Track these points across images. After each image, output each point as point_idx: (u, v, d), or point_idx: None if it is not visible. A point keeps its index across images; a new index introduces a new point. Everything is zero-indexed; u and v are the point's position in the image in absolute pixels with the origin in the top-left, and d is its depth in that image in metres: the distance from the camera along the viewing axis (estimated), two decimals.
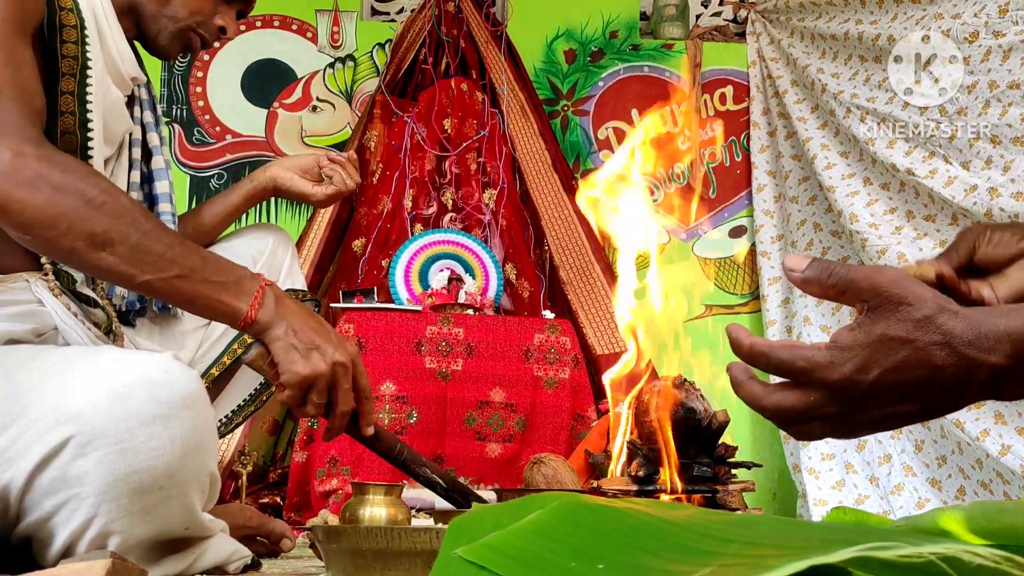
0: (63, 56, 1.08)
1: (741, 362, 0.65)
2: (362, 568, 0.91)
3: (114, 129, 1.19)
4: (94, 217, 0.92)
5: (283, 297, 1.02)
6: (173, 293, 0.97)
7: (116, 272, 0.95)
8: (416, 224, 3.04)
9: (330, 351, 1.01)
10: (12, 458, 0.86)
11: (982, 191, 2.47)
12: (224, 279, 0.98)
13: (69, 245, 0.92)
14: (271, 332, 1.00)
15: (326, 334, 1.02)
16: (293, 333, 1.00)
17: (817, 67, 3.05)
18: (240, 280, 0.99)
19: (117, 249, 0.93)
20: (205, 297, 0.98)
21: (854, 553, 0.36)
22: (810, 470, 2.87)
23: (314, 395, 1.01)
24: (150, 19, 1.23)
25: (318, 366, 1.00)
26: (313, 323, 1.02)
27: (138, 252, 0.94)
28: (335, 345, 1.01)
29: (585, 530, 0.47)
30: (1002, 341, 0.59)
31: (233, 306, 0.99)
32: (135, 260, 0.94)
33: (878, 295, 0.60)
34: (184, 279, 0.96)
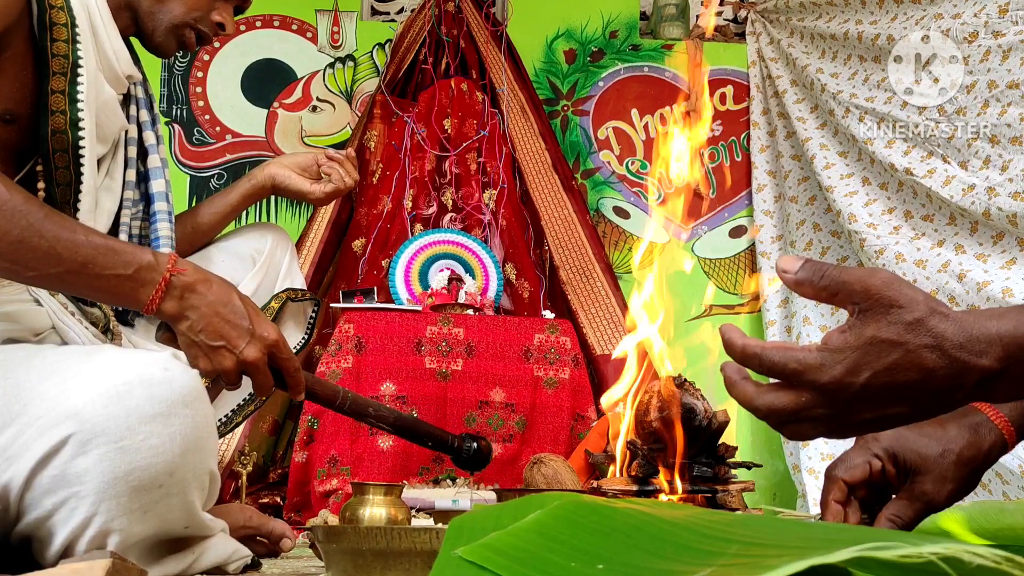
0: (53, 55, 1.07)
1: (735, 362, 0.65)
2: (362, 568, 0.91)
3: (108, 128, 1.19)
4: None
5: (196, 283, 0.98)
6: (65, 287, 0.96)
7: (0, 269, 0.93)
8: (416, 224, 3.04)
9: (240, 346, 0.98)
10: (12, 457, 0.86)
11: (980, 191, 2.47)
12: (121, 271, 0.95)
13: None
14: (177, 325, 0.98)
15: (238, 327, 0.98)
16: (198, 330, 0.97)
17: (816, 67, 3.05)
18: (141, 270, 0.96)
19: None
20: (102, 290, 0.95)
21: (854, 553, 0.36)
22: (810, 470, 2.87)
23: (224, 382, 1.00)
24: (146, 16, 1.22)
25: (222, 364, 0.98)
26: (227, 313, 0.98)
27: (19, 249, 0.91)
28: (247, 339, 0.98)
29: (585, 530, 0.47)
30: (993, 344, 0.59)
31: (134, 298, 0.96)
32: (16, 258, 0.91)
33: (870, 297, 0.60)
34: (74, 274, 0.93)
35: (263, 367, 1.01)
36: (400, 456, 2.46)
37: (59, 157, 1.10)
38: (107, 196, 1.22)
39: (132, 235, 1.28)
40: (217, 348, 0.98)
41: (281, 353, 1.03)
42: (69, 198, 1.13)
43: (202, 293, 0.98)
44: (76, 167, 1.12)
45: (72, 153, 1.09)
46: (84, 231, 0.96)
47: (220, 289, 1.00)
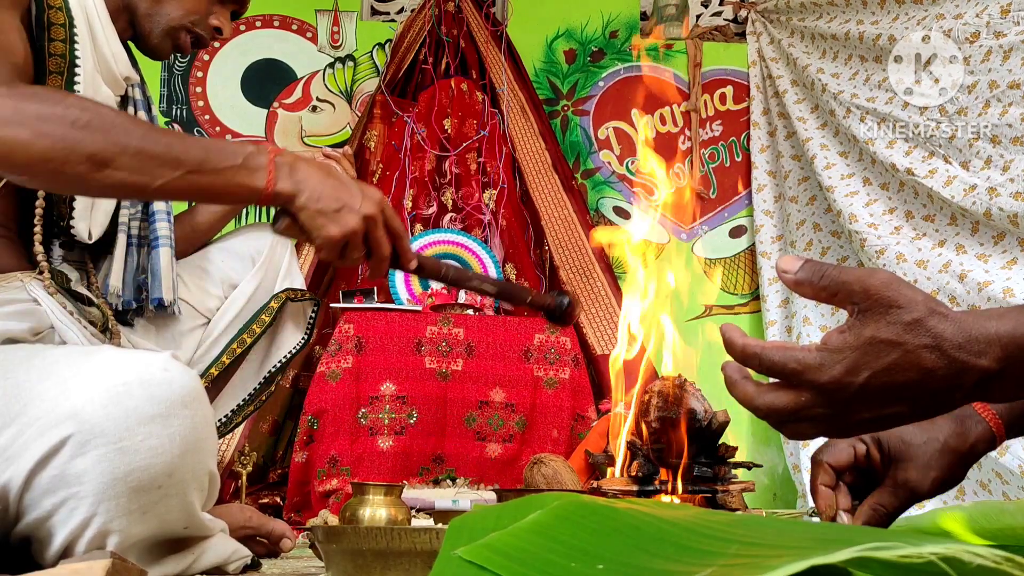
0: (51, 55, 1.08)
1: (736, 362, 0.66)
2: (362, 568, 0.91)
3: None
4: (86, 138, 0.90)
5: (297, 161, 0.99)
6: (189, 190, 0.96)
7: (129, 186, 0.93)
8: (416, 224, 3.04)
9: (358, 203, 0.99)
10: (11, 457, 0.86)
11: (981, 191, 2.47)
12: (232, 162, 0.95)
13: (73, 172, 0.90)
14: (295, 202, 0.97)
15: (349, 190, 1.00)
16: (317, 198, 0.97)
17: (817, 67, 3.05)
18: (248, 158, 0.96)
19: (120, 162, 0.91)
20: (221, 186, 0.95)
21: (854, 553, 0.36)
22: (810, 470, 2.87)
23: (352, 251, 1.00)
24: (143, 18, 1.23)
25: (348, 224, 0.98)
26: (334, 181, 1.00)
27: (142, 160, 0.92)
28: (361, 198, 1.00)
29: (585, 530, 0.47)
30: (992, 344, 0.59)
31: (249, 186, 0.96)
32: (142, 169, 0.92)
33: (869, 297, 0.60)
34: (196, 173, 0.94)
35: (381, 222, 1.01)
36: (400, 456, 2.46)
37: None
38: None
39: (131, 235, 1.28)
40: (339, 210, 0.98)
41: (388, 210, 1.03)
42: (65, 197, 1.13)
43: (306, 166, 1.00)
44: None
45: None
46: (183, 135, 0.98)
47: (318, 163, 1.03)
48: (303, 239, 1.01)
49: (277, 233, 1.01)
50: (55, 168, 0.89)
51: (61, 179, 0.91)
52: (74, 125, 0.90)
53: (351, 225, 0.98)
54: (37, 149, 0.88)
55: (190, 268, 1.40)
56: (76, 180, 0.91)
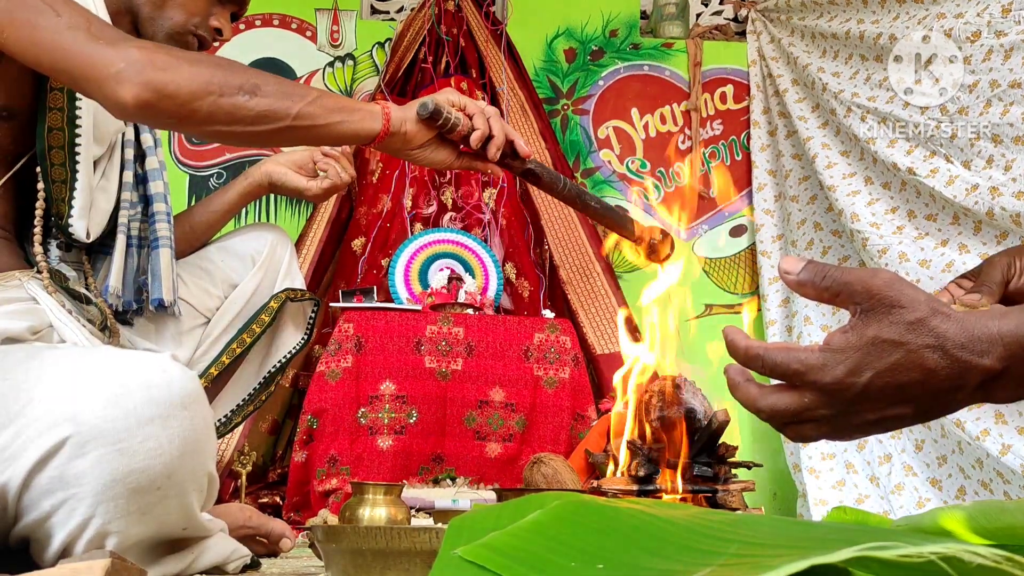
0: None
1: (738, 364, 0.65)
2: (361, 568, 0.91)
3: (105, 129, 1.19)
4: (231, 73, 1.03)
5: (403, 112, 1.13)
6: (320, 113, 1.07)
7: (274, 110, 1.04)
8: (416, 223, 3.04)
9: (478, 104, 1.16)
10: (10, 458, 0.85)
11: (983, 190, 2.47)
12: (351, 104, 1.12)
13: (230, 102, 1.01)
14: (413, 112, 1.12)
15: None
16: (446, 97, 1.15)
17: (818, 66, 3.05)
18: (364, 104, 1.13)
19: (266, 90, 1.04)
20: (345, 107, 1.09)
21: (854, 553, 0.36)
22: (810, 470, 2.87)
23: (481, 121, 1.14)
24: (146, 21, 1.23)
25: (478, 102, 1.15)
26: None
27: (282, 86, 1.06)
28: None
29: (585, 530, 0.47)
30: (995, 344, 0.59)
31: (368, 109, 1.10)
32: (284, 94, 1.05)
33: (871, 297, 0.60)
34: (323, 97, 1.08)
35: None
36: (400, 456, 2.46)
37: (55, 154, 1.10)
38: (102, 196, 1.22)
39: (131, 236, 1.28)
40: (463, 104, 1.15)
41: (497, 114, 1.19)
42: (64, 195, 1.13)
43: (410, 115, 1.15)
44: (72, 165, 1.12)
45: (68, 151, 1.10)
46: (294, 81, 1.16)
47: None
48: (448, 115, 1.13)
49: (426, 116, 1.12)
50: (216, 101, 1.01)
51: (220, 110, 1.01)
52: (219, 66, 1.04)
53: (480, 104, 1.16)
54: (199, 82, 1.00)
55: (190, 268, 1.40)
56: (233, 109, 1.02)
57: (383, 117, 1.09)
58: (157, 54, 1.00)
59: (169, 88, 0.97)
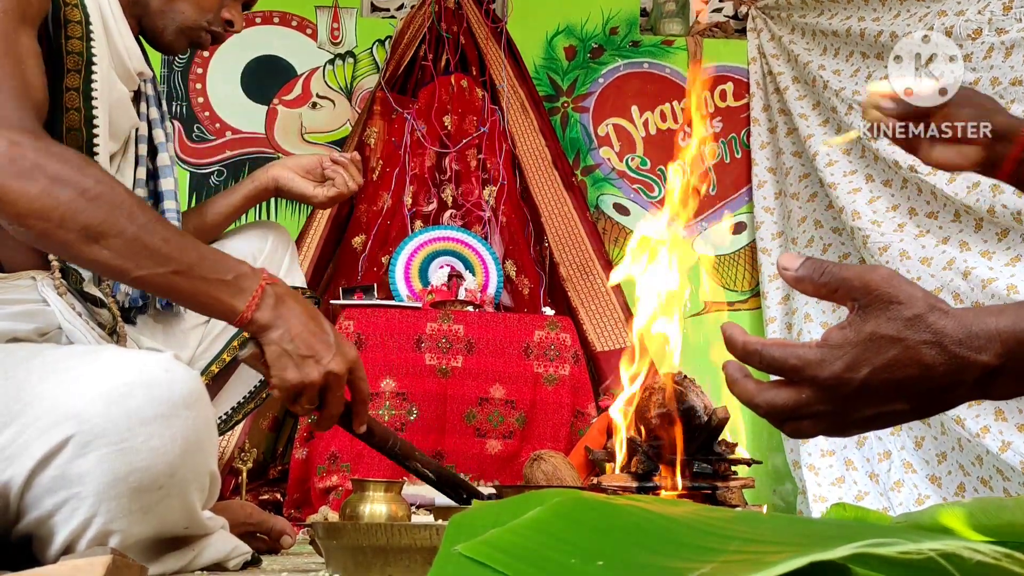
0: (68, 52, 1.07)
1: (737, 360, 0.66)
2: (362, 565, 0.91)
3: (120, 125, 1.19)
4: (89, 209, 0.90)
5: (286, 296, 0.99)
6: (169, 289, 0.95)
7: (110, 266, 0.93)
8: (416, 221, 3.04)
9: (327, 359, 0.99)
10: (12, 456, 0.86)
11: (984, 188, 2.47)
12: (222, 276, 0.96)
13: (63, 238, 0.90)
14: (267, 334, 0.98)
15: (325, 340, 0.99)
16: (289, 339, 0.97)
17: (818, 64, 3.05)
18: (240, 278, 0.96)
19: (111, 243, 0.91)
20: (202, 294, 0.95)
21: (854, 549, 0.36)
22: (810, 466, 2.87)
23: (304, 400, 1.00)
24: (156, 15, 1.22)
25: (309, 375, 0.98)
26: (313, 327, 0.99)
27: (133, 246, 0.92)
28: (333, 353, 0.99)
29: (585, 527, 0.47)
30: (992, 340, 0.59)
31: (230, 304, 0.96)
32: (130, 254, 0.92)
33: (869, 293, 0.60)
34: (181, 275, 0.94)
35: (343, 383, 1.01)
36: None
37: None
38: None
39: None
40: (306, 358, 0.98)
41: (359, 372, 1.03)
42: None
43: (292, 306, 0.99)
44: None
45: (86, 151, 1.09)
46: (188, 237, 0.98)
47: (308, 305, 1.02)
48: (262, 372, 1.01)
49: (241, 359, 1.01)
50: (48, 228, 0.89)
51: (50, 239, 0.91)
52: (84, 194, 0.90)
53: (311, 377, 0.98)
54: (39, 205, 0.89)
55: None
56: (63, 244, 0.91)
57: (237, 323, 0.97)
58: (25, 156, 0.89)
59: (9, 196, 0.88)
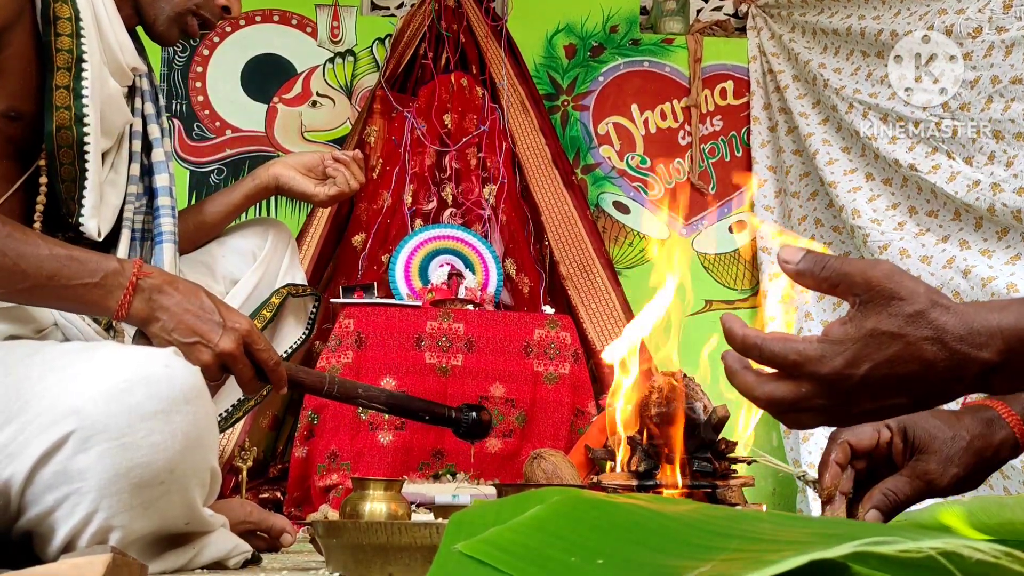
0: (57, 50, 1.07)
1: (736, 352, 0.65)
2: (362, 563, 0.91)
3: (112, 122, 1.19)
4: None
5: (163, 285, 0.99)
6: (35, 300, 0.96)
7: None
8: (416, 219, 3.04)
9: (215, 338, 0.99)
10: (13, 453, 0.86)
11: (985, 186, 2.47)
12: (88, 279, 0.96)
13: None
14: (149, 328, 0.98)
15: (210, 320, 0.99)
16: (172, 328, 0.98)
17: (819, 62, 3.05)
18: (108, 276, 0.96)
19: None
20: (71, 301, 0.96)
21: (854, 548, 0.36)
22: (810, 465, 2.87)
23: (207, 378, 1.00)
24: (148, 4, 1.21)
25: (200, 359, 0.98)
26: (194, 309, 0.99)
27: None
28: (220, 332, 0.99)
29: (585, 525, 0.47)
30: (994, 337, 0.58)
31: (103, 305, 0.97)
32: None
33: (870, 289, 0.60)
34: (41, 288, 0.94)
35: (241, 356, 1.02)
36: (400, 451, 2.47)
37: (64, 153, 1.10)
38: (112, 191, 1.22)
39: (135, 230, 1.28)
40: (192, 344, 0.99)
41: (256, 344, 1.03)
42: (73, 194, 1.13)
43: (169, 293, 0.99)
44: (81, 163, 1.11)
45: (77, 149, 1.09)
46: (48, 244, 0.97)
47: (187, 288, 1.02)
48: None
49: None
50: None
51: None
52: None
53: (203, 359, 0.99)
54: None
55: (191, 264, 1.40)
56: None
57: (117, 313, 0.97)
58: None
59: None
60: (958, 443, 0.83)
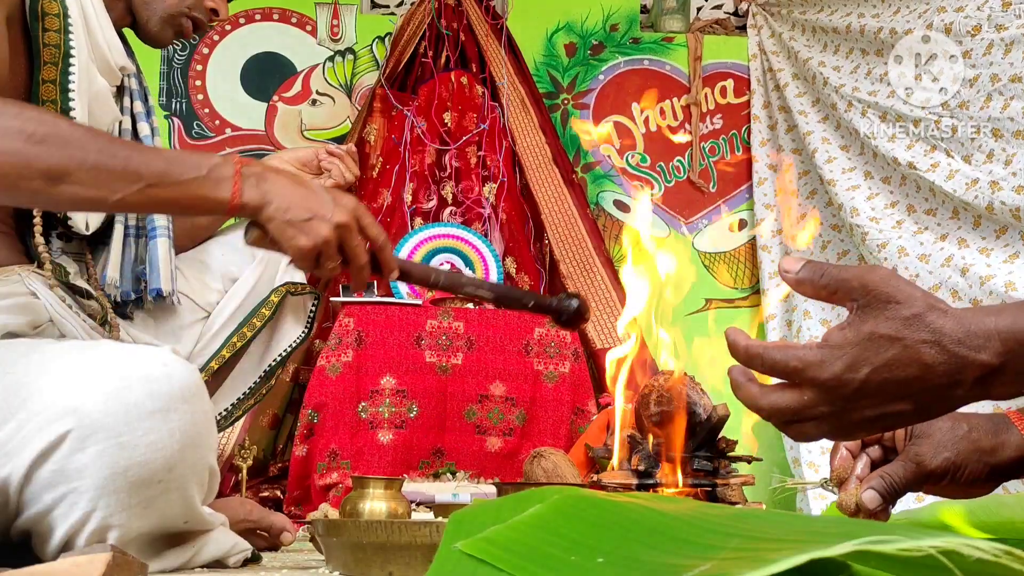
0: (45, 44, 1.07)
1: (740, 364, 0.66)
2: (362, 562, 0.91)
3: (100, 119, 1.19)
4: (42, 153, 0.89)
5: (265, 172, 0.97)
6: (151, 204, 0.95)
7: (85, 200, 0.92)
8: (416, 218, 3.04)
9: (329, 212, 0.96)
10: (11, 452, 0.86)
11: (983, 185, 2.47)
12: (196, 174, 0.94)
13: (28, 188, 0.89)
14: (263, 213, 0.95)
15: (320, 199, 0.97)
16: (285, 209, 0.96)
17: (818, 60, 3.05)
18: (214, 169, 0.94)
19: (76, 177, 0.90)
20: (185, 198, 0.94)
21: (854, 547, 0.36)
22: (810, 464, 2.87)
23: (326, 261, 0.98)
24: (140, 5, 1.22)
25: (320, 234, 0.96)
26: (304, 191, 0.98)
27: (99, 175, 0.90)
28: (332, 207, 0.97)
29: (585, 524, 0.47)
30: (992, 339, 0.59)
31: (214, 198, 0.94)
32: (99, 183, 0.90)
33: (868, 293, 0.60)
34: (156, 187, 0.92)
35: (356, 230, 0.99)
36: (400, 450, 2.47)
37: None
38: None
39: (128, 226, 1.28)
40: (310, 220, 0.96)
41: (365, 219, 1.01)
42: None
43: (274, 178, 0.98)
44: None
45: None
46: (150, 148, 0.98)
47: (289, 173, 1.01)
48: (275, 250, 0.99)
49: (249, 244, 0.99)
50: (10, 184, 0.89)
51: (16, 194, 0.91)
52: (30, 139, 0.89)
53: (322, 234, 0.96)
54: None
55: (189, 262, 1.40)
56: (32, 195, 0.91)
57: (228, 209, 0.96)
58: None
59: None
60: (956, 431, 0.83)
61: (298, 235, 0.95)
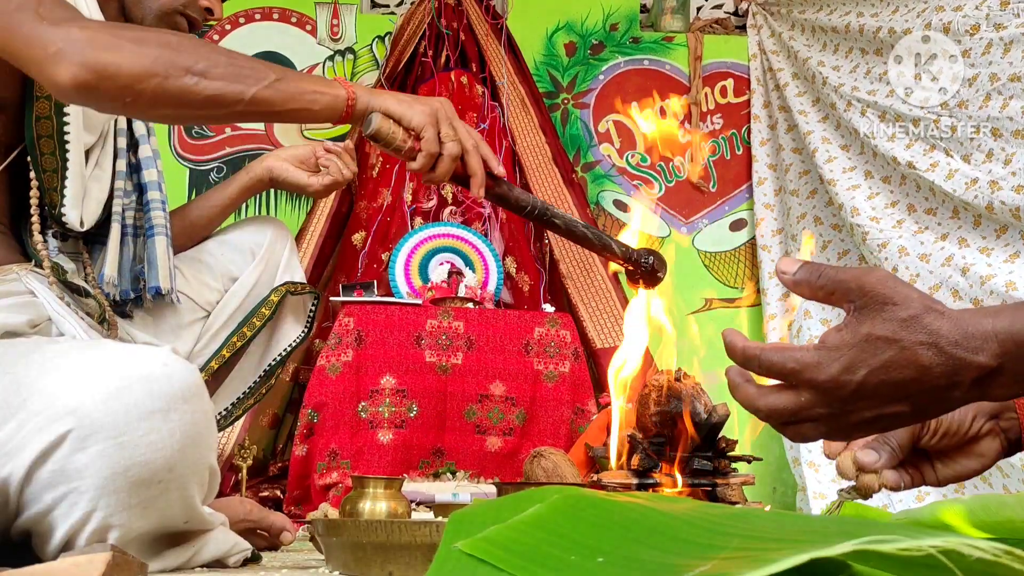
0: None
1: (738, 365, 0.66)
2: (362, 561, 0.91)
3: (95, 117, 1.19)
4: (181, 54, 0.98)
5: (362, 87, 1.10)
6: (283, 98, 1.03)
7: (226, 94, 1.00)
8: (416, 217, 3.04)
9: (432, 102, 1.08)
10: (11, 452, 0.86)
11: (983, 184, 2.47)
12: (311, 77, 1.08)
13: (177, 85, 0.97)
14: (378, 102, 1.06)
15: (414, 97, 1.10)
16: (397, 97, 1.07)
17: (818, 60, 3.05)
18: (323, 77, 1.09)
19: (217, 72, 0.99)
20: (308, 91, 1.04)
21: (854, 546, 0.36)
22: (810, 463, 2.87)
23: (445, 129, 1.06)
24: (133, 5, 1.22)
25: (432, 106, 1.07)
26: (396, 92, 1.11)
27: (235, 70, 1.00)
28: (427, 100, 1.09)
29: (585, 524, 0.47)
30: (989, 341, 0.59)
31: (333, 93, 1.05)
32: (237, 77, 1.00)
33: (865, 295, 0.60)
34: (283, 80, 1.02)
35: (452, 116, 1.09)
36: (400, 449, 2.47)
37: (44, 143, 1.10)
38: (96, 185, 1.22)
39: (126, 225, 1.28)
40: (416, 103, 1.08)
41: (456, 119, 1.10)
42: (56, 184, 1.13)
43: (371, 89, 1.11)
44: (62, 153, 1.12)
45: (57, 139, 1.09)
46: None
47: None
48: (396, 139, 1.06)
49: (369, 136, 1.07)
50: (159, 82, 0.96)
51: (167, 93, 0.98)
52: (167, 46, 0.99)
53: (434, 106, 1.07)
54: (139, 68, 0.96)
55: (188, 261, 1.40)
56: (181, 92, 0.98)
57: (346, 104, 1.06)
58: (100, 33, 0.96)
59: (110, 69, 0.94)
60: None
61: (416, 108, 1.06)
